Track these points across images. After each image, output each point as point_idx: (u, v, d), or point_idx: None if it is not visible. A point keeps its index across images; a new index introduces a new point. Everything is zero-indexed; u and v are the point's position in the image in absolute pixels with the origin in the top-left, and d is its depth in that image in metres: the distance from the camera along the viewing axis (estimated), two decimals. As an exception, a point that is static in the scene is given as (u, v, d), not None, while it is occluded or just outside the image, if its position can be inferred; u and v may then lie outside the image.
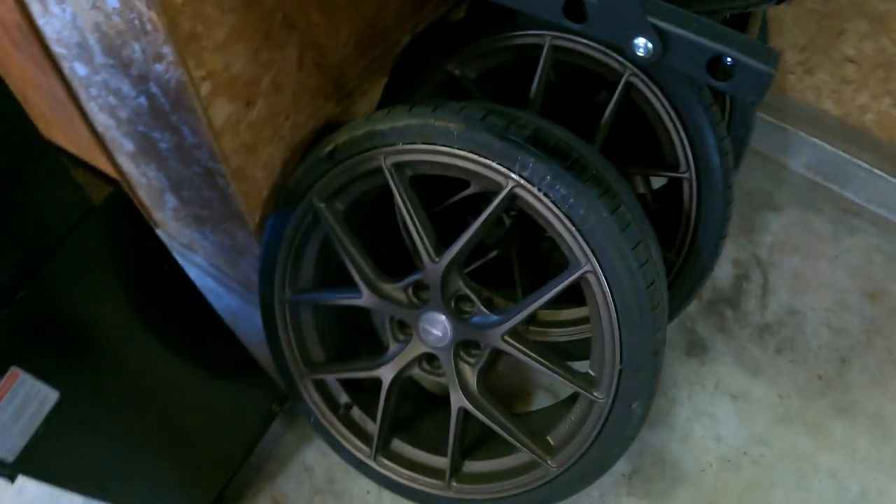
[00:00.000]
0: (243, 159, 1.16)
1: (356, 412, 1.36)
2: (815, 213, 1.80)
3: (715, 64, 0.62)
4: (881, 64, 1.59)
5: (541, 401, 1.58)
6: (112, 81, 1.10)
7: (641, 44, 0.62)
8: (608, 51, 1.22)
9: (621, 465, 1.49)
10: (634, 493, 1.47)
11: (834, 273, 1.72)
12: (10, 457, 0.86)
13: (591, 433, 1.11)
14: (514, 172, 1.01)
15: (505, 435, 1.17)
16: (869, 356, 1.61)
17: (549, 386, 1.58)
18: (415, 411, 1.42)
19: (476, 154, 1.02)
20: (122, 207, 0.88)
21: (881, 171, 1.74)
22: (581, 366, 1.14)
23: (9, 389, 0.80)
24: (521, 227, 1.43)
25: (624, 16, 0.61)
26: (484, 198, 1.31)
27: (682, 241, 1.29)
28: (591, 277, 1.02)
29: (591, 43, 1.23)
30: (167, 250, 0.99)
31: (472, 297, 1.13)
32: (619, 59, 1.21)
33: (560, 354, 1.51)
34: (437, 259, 1.10)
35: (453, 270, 1.12)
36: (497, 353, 1.18)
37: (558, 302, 1.13)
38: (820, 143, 1.78)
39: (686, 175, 1.24)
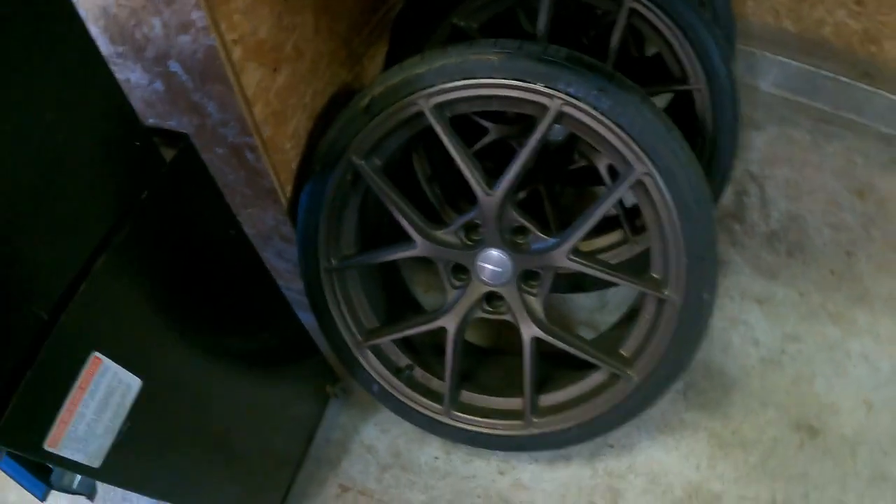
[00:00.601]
0: (273, 129, 1.17)
1: (419, 372, 1.38)
2: (793, 127, 1.94)
3: None
4: (832, -24, 1.74)
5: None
6: (119, 73, 1.08)
7: None
8: (608, -21, 1.30)
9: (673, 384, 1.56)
10: (692, 407, 1.54)
11: (822, 177, 1.86)
12: (95, 462, 0.77)
13: (667, 334, 1.16)
14: (559, 92, 1.06)
15: (581, 354, 1.22)
16: (870, 246, 1.75)
17: (588, 320, 1.64)
18: (473, 365, 1.45)
19: (519, 80, 1.07)
20: (193, 162, 0.85)
21: (846, 78, 1.89)
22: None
23: (91, 379, 0.72)
24: (547, 165, 1.49)
25: None
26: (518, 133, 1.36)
27: (701, 149, 1.37)
28: (647, 179, 1.08)
29: (590, -26, 1.31)
30: (233, 213, 0.99)
31: (528, 225, 1.18)
32: (622, -11, 1.29)
33: (576, 287, 1.59)
34: (490, 192, 1.14)
35: (507, 201, 1.16)
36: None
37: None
38: (785, 60, 1.93)
39: (698, 87, 1.33)
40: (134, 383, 0.79)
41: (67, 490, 0.80)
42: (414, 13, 1.44)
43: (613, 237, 1.47)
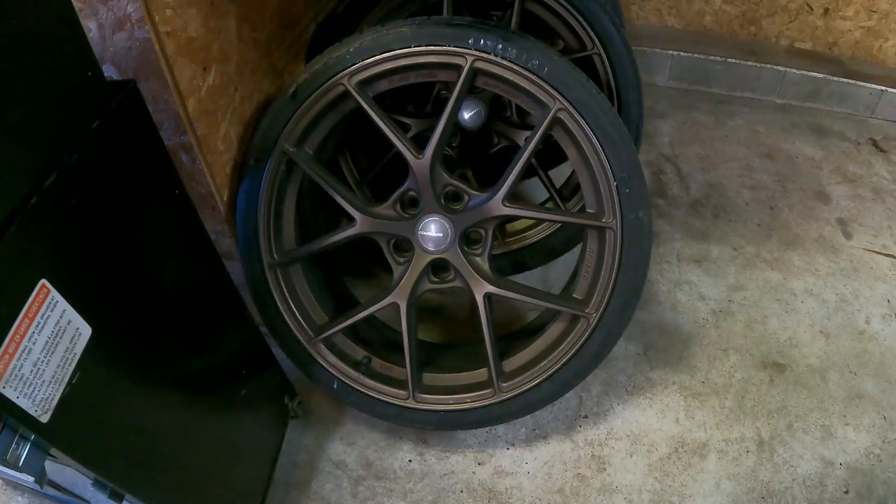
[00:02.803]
0: (206, 127, 1.25)
1: (377, 363, 1.40)
2: (695, 111, 2.17)
3: None
4: (703, -31, 2.02)
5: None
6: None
7: None
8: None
9: (633, 347, 1.64)
10: (656, 366, 1.61)
11: (731, 148, 2.06)
12: (43, 415, 0.73)
13: (613, 263, 1.25)
14: (470, 50, 1.20)
15: (535, 301, 1.29)
16: (789, 197, 1.94)
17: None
18: (432, 356, 1.49)
19: (433, 45, 1.20)
20: (138, 105, 0.89)
21: (733, 59, 2.14)
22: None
23: (39, 310, 0.68)
24: (469, 151, 1.61)
25: None
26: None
27: (612, 108, 1.53)
28: (563, 115, 1.20)
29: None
30: (176, 171, 1.03)
31: (461, 185, 1.28)
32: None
33: (519, 267, 1.69)
34: (420, 155, 1.25)
35: (437, 164, 1.26)
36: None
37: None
38: (676, 53, 2.17)
39: (595, 51, 1.50)
40: (84, 330, 0.79)
41: (13, 466, 0.78)
42: (326, 32, 1.59)
43: (527, 221, 1.59)
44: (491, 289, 1.30)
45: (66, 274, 0.76)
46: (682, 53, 2.17)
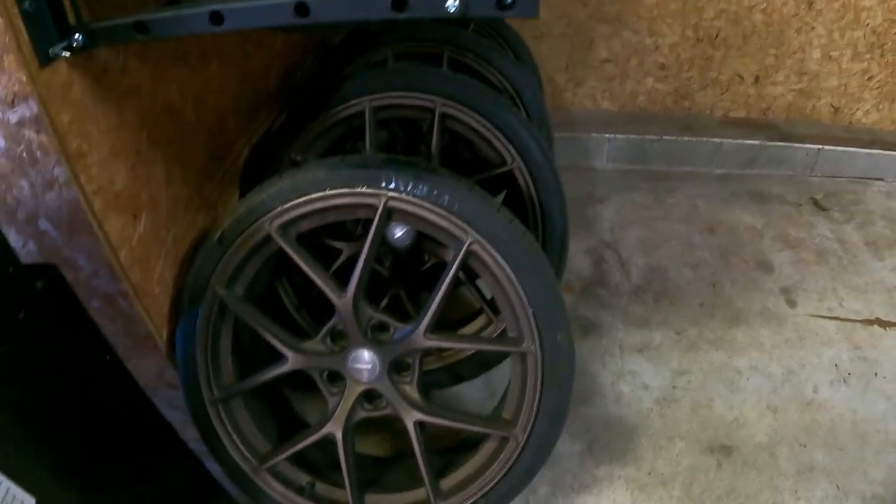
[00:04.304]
0: (140, 274, 1.31)
1: (320, 486, 1.45)
2: (635, 192, 2.25)
3: (501, 2, 0.92)
4: (632, 53, 2.12)
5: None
6: (-7, 238, 1.23)
7: (452, 3, 0.92)
8: (418, 94, 1.58)
9: (578, 445, 1.69)
10: (601, 461, 1.66)
11: (671, 226, 2.14)
12: None
13: (536, 384, 1.31)
14: (382, 189, 1.27)
15: (464, 426, 1.35)
16: (731, 271, 2.01)
17: (480, 412, 1.77)
18: (376, 473, 1.54)
19: (346, 187, 1.28)
20: (62, 289, 0.98)
21: (669, 136, 2.23)
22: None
23: None
24: (401, 270, 1.68)
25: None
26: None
27: (534, 219, 1.61)
28: (476, 247, 1.27)
29: (403, 94, 1.58)
30: (105, 338, 1.10)
31: (385, 318, 1.34)
32: (430, 97, 1.57)
33: (457, 378, 1.74)
34: (342, 293, 1.31)
35: (361, 300, 1.32)
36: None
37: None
38: (612, 136, 2.27)
39: (514, 165, 1.59)
40: (28, 500, 0.86)
41: None
42: (258, 158, 1.67)
43: (479, 323, 1.65)
44: (422, 417, 1.35)
45: (4, 455, 0.84)
46: (618, 135, 2.26)
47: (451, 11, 0.93)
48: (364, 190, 1.27)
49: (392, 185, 1.27)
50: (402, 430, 1.37)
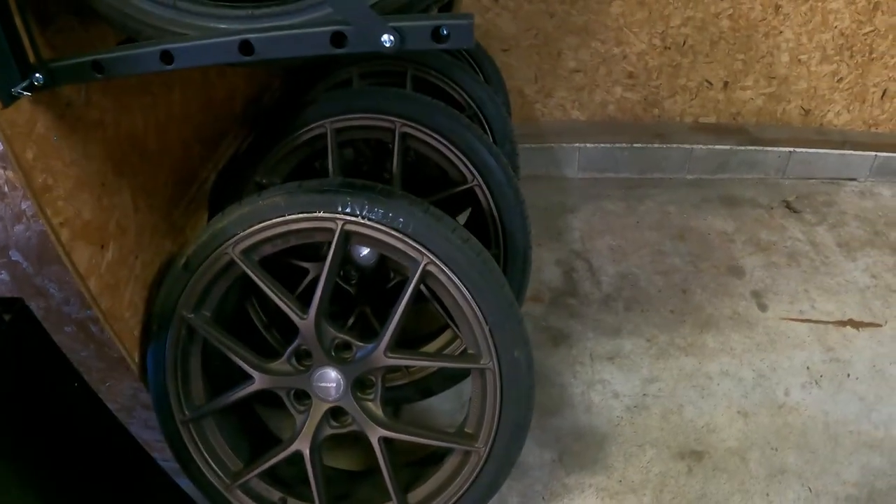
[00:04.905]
0: (110, 300, 1.35)
1: (292, 502, 1.50)
2: (606, 200, 2.29)
3: (437, 34, 0.97)
4: (601, 62, 2.17)
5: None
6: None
7: (387, 39, 0.97)
8: (378, 115, 1.62)
9: (548, 454, 1.73)
10: (572, 471, 1.69)
11: (642, 234, 2.18)
12: None
13: (496, 399, 1.34)
14: (339, 214, 1.32)
15: (427, 441, 1.39)
16: (702, 277, 2.05)
17: (452, 423, 1.80)
18: (347, 488, 1.58)
19: (304, 212, 1.32)
20: (29, 321, 1.02)
21: (639, 143, 2.27)
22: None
23: None
24: (367, 288, 1.72)
25: (370, 28, 0.96)
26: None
27: (496, 236, 1.65)
28: (432, 268, 1.31)
29: (363, 115, 1.63)
30: (73, 365, 1.14)
31: (347, 337, 1.38)
32: (390, 118, 1.62)
33: (425, 393, 1.78)
34: (304, 315, 1.35)
35: (322, 320, 1.36)
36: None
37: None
38: (582, 145, 2.31)
39: (475, 182, 1.63)
40: None
41: None
42: (224, 181, 1.72)
43: (446, 337, 1.69)
44: (385, 433, 1.39)
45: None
46: (588, 145, 2.31)
47: (388, 46, 0.98)
48: (321, 214, 1.32)
49: (348, 210, 1.31)
50: (371, 446, 1.42)
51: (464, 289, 1.31)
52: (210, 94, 1.74)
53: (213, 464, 1.45)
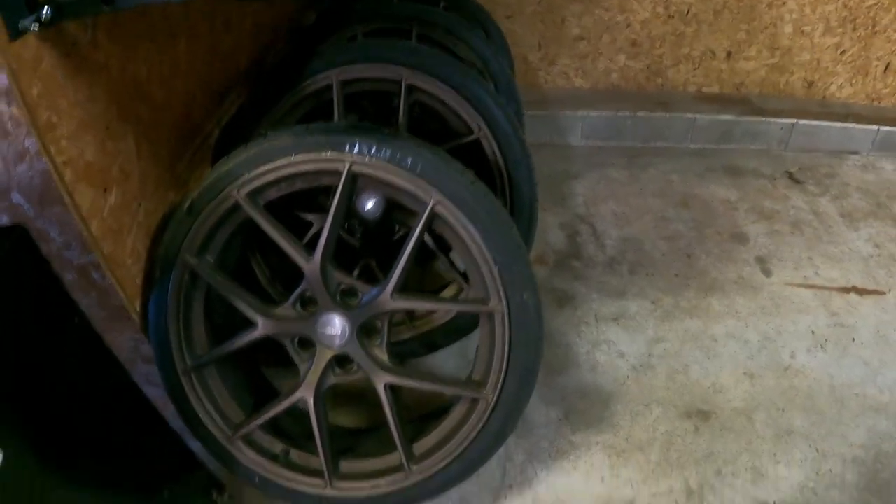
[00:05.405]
0: (112, 245, 1.34)
1: (294, 454, 1.47)
2: (609, 168, 2.29)
3: None
4: (604, 30, 2.16)
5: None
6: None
7: None
8: (386, 66, 1.61)
9: (554, 413, 1.72)
10: (578, 429, 1.69)
11: (645, 201, 2.17)
12: None
13: (504, 343, 1.33)
14: (347, 154, 1.30)
15: (433, 387, 1.37)
16: (706, 243, 2.04)
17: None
18: (351, 442, 1.56)
19: (312, 153, 1.31)
20: (29, 248, 1.01)
21: (643, 112, 2.27)
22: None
23: None
24: (372, 240, 1.71)
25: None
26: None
27: (503, 187, 1.64)
28: (440, 208, 1.30)
29: (370, 66, 1.62)
30: (73, 300, 1.13)
31: (352, 281, 1.37)
32: (397, 68, 1.61)
33: (431, 347, 1.77)
34: (309, 259, 1.34)
35: (328, 265, 1.35)
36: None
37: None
38: (586, 113, 2.31)
39: (481, 133, 1.62)
40: None
41: None
42: (229, 136, 1.70)
43: (451, 291, 1.68)
44: (390, 378, 1.38)
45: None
46: (592, 113, 2.30)
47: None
48: (328, 155, 1.30)
49: (356, 150, 1.30)
50: (376, 403, 1.40)
51: (472, 229, 1.30)
52: (216, 48, 1.72)
53: (214, 414, 1.43)
